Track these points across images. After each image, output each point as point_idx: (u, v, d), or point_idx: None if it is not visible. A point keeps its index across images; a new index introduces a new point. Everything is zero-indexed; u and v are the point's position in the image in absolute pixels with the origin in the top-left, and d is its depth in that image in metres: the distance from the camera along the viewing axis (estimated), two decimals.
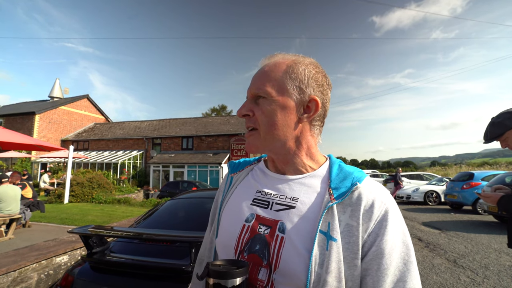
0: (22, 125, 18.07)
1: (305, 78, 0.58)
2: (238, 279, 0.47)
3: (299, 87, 0.58)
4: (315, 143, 0.63)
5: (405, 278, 0.49)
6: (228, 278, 0.47)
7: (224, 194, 0.70)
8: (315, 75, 0.59)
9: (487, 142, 1.50)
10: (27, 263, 2.74)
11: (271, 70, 0.59)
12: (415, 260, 0.52)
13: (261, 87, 0.58)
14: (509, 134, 1.39)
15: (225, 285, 0.47)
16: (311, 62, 0.61)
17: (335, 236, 0.50)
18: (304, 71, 0.58)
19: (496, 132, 1.44)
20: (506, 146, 1.45)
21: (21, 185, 5.83)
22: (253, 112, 0.59)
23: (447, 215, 8.35)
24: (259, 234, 0.56)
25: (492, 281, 3.37)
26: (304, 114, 0.59)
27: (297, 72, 0.58)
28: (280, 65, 0.59)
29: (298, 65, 0.59)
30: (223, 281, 0.47)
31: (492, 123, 1.46)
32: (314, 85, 0.59)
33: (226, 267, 0.50)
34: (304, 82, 0.58)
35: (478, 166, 27.18)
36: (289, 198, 0.58)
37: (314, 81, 0.59)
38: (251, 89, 0.60)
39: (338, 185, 0.56)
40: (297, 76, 0.58)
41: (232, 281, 0.47)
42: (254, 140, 0.60)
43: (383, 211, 0.53)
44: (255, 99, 0.60)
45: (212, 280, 0.48)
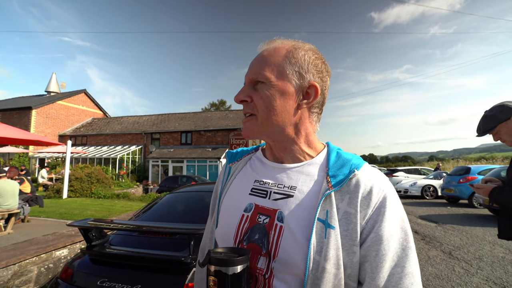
0: (18, 120, 17.91)
1: (305, 63, 0.57)
2: (239, 266, 0.48)
3: (299, 72, 0.56)
4: (314, 131, 0.62)
5: (403, 263, 0.49)
6: (229, 266, 0.47)
7: (223, 184, 0.70)
8: (314, 61, 0.58)
9: (480, 135, 1.51)
10: (27, 256, 2.76)
11: (270, 55, 0.58)
12: (414, 246, 0.51)
13: (260, 72, 0.57)
14: (501, 127, 1.39)
15: (226, 272, 0.47)
16: (310, 48, 0.59)
17: (333, 224, 0.50)
18: (304, 56, 0.57)
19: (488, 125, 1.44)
20: (498, 139, 1.45)
21: (19, 180, 5.82)
22: (251, 97, 0.58)
23: (443, 209, 8.45)
24: (258, 224, 0.56)
25: (485, 272, 3.44)
26: (303, 100, 0.58)
27: (297, 57, 0.57)
28: (280, 50, 0.58)
29: (298, 50, 0.57)
30: (224, 268, 0.47)
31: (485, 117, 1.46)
32: (314, 71, 0.57)
33: (227, 255, 0.51)
34: (304, 68, 0.57)
35: (475, 161, 27.39)
36: (287, 187, 0.58)
37: (314, 67, 0.58)
38: (249, 74, 0.59)
39: (336, 173, 0.55)
40: (297, 61, 0.56)
41: (233, 269, 0.47)
42: (251, 125, 0.59)
43: (381, 198, 0.52)
44: (253, 84, 0.59)
45: (213, 267, 0.48)
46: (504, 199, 1.37)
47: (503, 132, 1.40)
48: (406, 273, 0.49)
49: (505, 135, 1.40)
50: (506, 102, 1.42)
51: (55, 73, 21.96)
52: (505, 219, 1.43)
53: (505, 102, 1.42)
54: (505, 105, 1.40)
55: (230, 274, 0.47)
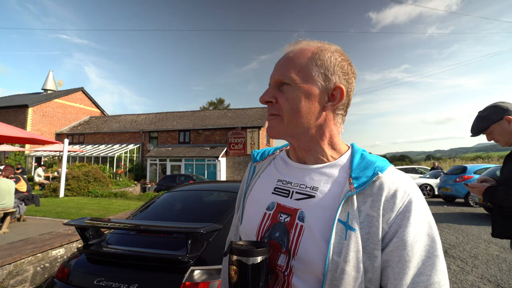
0: (15, 118, 17.74)
1: (331, 65, 0.57)
2: (259, 257, 0.50)
3: (325, 74, 0.56)
4: (338, 132, 0.62)
5: (429, 272, 0.47)
6: (249, 256, 0.50)
7: (247, 182, 0.72)
8: (341, 63, 0.58)
9: (474, 135, 1.53)
10: (23, 256, 2.74)
11: (296, 56, 0.58)
12: (442, 255, 0.50)
13: (285, 74, 0.57)
14: (494, 128, 1.42)
15: (246, 262, 0.50)
16: (336, 50, 0.59)
17: (354, 226, 0.50)
18: (330, 58, 0.57)
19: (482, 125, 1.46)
20: (491, 139, 1.48)
21: (14, 179, 5.77)
22: (276, 99, 0.58)
23: (440, 208, 8.52)
24: (280, 222, 0.57)
25: (480, 270, 3.47)
26: (328, 102, 0.58)
27: (323, 59, 0.57)
28: (306, 51, 0.58)
29: (324, 52, 0.57)
30: (245, 259, 0.50)
31: (479, 117, 1.49)
32: (340, 73, 0.57)
33: (248, 247, 0.53)
34: (330, 70, 0.56)
35: (471, 160, 27.62)
36: (309, 188, 0.58)
37: (340, 68, 0.57)
38: (275, 75, 0.59)
39: (358, 175, 0.55)
40: (323, 63, 0.56)
41: (254, 259, 0.50)
42: (277, 124, 0.59)
43: (406, 202, 0.51)
44: (278, 85, 0.59)
45: (235, 257, 0.51)
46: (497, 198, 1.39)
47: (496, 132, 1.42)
48: (431, 282, 0.47)
49: (498, 135, 1.42)
50: (499, 102, 1.44)
51: (52, 70, 21.76)
52: (498, 218, 1.46)
53: (498, 102, 1.44)
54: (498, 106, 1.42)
55: (250, 264, 0.49)
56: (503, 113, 1.39)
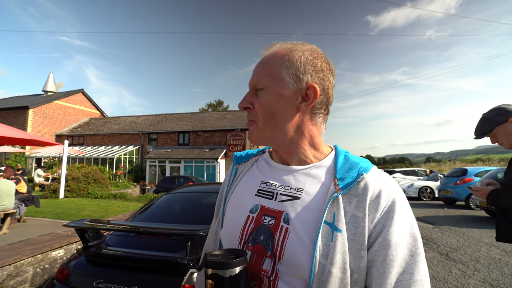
0: (15, 120, 17.76)
1: (301, 65, 0.56)
2: (237, 268, 0.47)
3: (295, 75, 0.56)
4: (319, 132, 0.61)
5: (412, 270, 0.48)
6: (226, 268, 0.47)
7: (229, 185, 0.69)
8: (312, 61, 0.57)
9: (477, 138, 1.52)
10: (22, 257, 2.73)
11: (268, 60, 0.58)
12: (423, 253, 0.50)
13: (259, 79, 0.58)
14: (498, 130, 1.41)
15: (223, 275, 0.46)
16: (309, 48, 0.59)
17: (340, 227, 0.49)
18: (300, 58, 0.56)
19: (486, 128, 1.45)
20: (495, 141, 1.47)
21: (15, 180, 5.76)
22: (253, 104, 0.59)
23: (440, 210, 8.50)
24: (264, 225, 0.56)
25: (482, 273, 3.45)
26: (302, 103, 0.57)
27: (292, 60, 0.56)
28: (277, 54, 0.58)
29: (294, 53, 0.57)
30: (221, 272, 0.47)
31: (483, 119, 1.48)
32: (312, 71, 0.57)
33: (224, 257, 0.50)
34: (300, 70, 0.56)
35: (472, 163, 27.58)
36: (294, 189, 0.57)
37: (312, 67, 0.57)
38: (251, 80, 0.60)
39: (343, 176, 0.55)
40: (292, 64, 0.56)
41: (230, 271, 0.47)
42: (253, 130, 0.60)
43: (390, 202, 0.51)
44: (255, 91, 0.59)
45: (210, 271, 0.48)
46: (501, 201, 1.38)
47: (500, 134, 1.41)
48: (414, 280, 0.47)
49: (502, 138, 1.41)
50: (504, 105, 1.44)
51: (53, 72, 21.86)
52: (503, 222, 1.44)
53: (503, 105, 1.44)
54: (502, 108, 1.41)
55: (227, 276, 0.46)
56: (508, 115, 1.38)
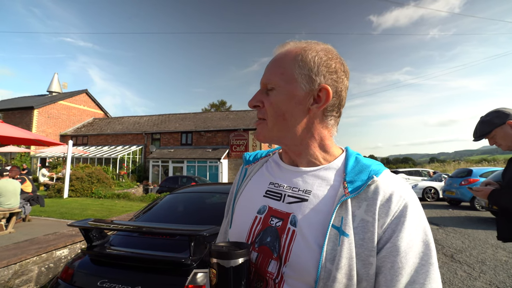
0: (20, 120, 17.98)
1: (315, 65, 0.55)
2: (240, 259, 0.48)
3: (308, 76, 0.55)
4: (330, 135, 0.60)
5: (422, 280, 0.45)
6: (229, 259, 0.48)
7: (238, 185, 0.69)
8: (326, 62, 0.56)
9: (476, 139, 1.58)
10: (28, 256, 2.76)
11: (281, 59, 0.57)
12: (436, 262, 0.48)
13: (270, 78, 0.57)
14: (497, 132, 1.46)
15: (226, 265, 0.48)
16: (323, 48, 0.57)
17: (347, 232, 0.48)
18: (314, 58, 0.55)
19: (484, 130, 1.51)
20: (494, 143, 1.51)
21: (20, 180, 5.82)
22: (263, 103, 0.58)
23: (445, 211, 8.42)
24: (271, 227, 0.55)
25: (488, 275, 3.41)
26: (314, 104, 0.56)
27: (306, 60, 0.55)
28: (290, 53, 0.57)
29: (307, 52, 0.56)
30: (225, 262, 0.48)
31: (481, 122, 1.53)
32: (325, 72, 0.55)
33: (228, 248, 0.51)
34: (314, 70, 0.54)
35: (476, 163, 27.29)
36: (302, 191, 0.56)
37: (325, 68, 0.55)
38: (262, 79, 0.59)
39: (353, 178, 0.53)
40: (305, 64, 0.55)
41: (234, 262, 0.48)
42: (262, 129, 0.59)
43: (401, 206, 0.49)
44: (266, 90, 0.59)
45: (214, 260, 0.49)
46: (502, 201, 1.43)
47: (498, 136, 1.47)
48: None
49: (500, 139, 1.47)
50: (502, 108, 1.50)
51: (57, 73, 22.12)
52: (503, 221, 1.49)
53: (501, 108, 1.51)
54: (500, 111, 1.48)
55: (230, 266, 0.47)
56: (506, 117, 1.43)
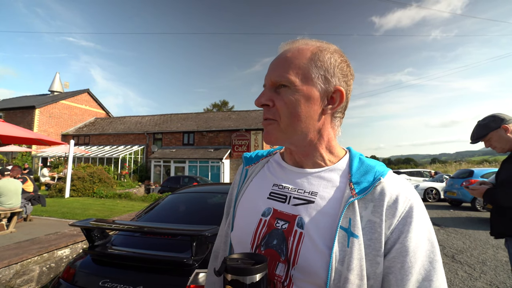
0: (22, 119, 18.05)
1: (331, 66, 0.54)
2: (257, 275, 0.45)
3: (325, 76, 0.54)
4: (335, 135, 0.60)
5: (431, 277, 0.47)
6: (247, 275, 0.45)
7: (239, 186, 0.68)
8: (340, 64, 0.55)
9: (473, 142, 1.70)
10: (29, 256, 2.77)
11: (295, 56, 0.55)
12: (441, 259, 0.50)
13: (283, 75, 0.54)
14: (492, 135, 1.58)
15: (244, 281, 0.45)
16: (336, 50, 0.57)
17: (356, 233, 0.48)
18: (330, 59, 0.54)
19: (481, 133, 1.63)
20: (489, 145, 1.63)
21: (21, 179, 5.85)
22: (273, 102, 0.55)
23: (446, 212, 8.39)
24: (277, 229, 0.54)
25: (489, 276, 3.40)
26: (328, 106, 0.55)
27: (323, 60, 0.54)
28: (304, 51, 0.55)
29: (323, 52, 0.55)
30: (242, 278, 0.45)
31: (478, 125, 1.65)
32: (340, 74, 0.55)
33: (244, 262, 0.48)
34: (330, 71, 0.54)
35: (478, 164, 27.20)
36: (308, 193, 0.56)
37: (340, 70, 0.55)
38: (271, 76, 0.55)
39: (359, 180, 0.53)
40: (322, 65, 0.54)
41: (251, 278, 0.45)
42: (274, 130, 0.56)
43: (407, 207, 0.50)
44: (275, 87, 0.56)
45: (231, 276, 0.46)
46: (496, 199, 1.54)
47: (494, 139, 1.59)
48: (434, 287, 0.47)
49: (496, 142, 1.59)
50: (497, 113, 1.64)
51: (59, 72, 22.20)
52: (497, 218, 1.59)
53: (496, 113, 1.64)
54: (496, 116, 1.61)
55: (248, 283, 0.45)
56: (501, 122, 1.56)
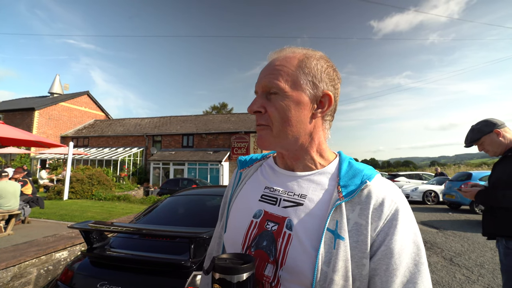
0: (21, 121, 18.02)
1: (318, 72, 0.57)
2: (244, 274, 0.46)
3: (313, 82, 0.56)
4: (325, 139, 0.62)
5: (416, 279, 0.48)
6: (234, 274, 0.46)
7: (233, 189, 0.70)
8: (327, 69, 0.58)
9: (467, 146, 1.76)
10: (27, 258, 2.76)
11: (283, 64, 0.57)
12: (426, 262, 0.50)
13: (273, 82, 0.56)
14: (485, 139, 1.64)
15: (231, 280, 0.46)
16: (321, 56, 0.60)
17: (342, 235, 0.50)
18: (316, 65, 0.57)
19: (474, 137, 1.69)
20: (482, 149, 1.69)
21: (22, 182, 5.84)
22: (265, 108, 0.57)
23: (445, 215, 8.39)
24: (267, 231, 0.56)
25: (486, 279, 3.41)
26: (318, 110, 0.58)
27: (310, 67, 0.57)
28: (292, 59, 0.58)
29: (310, 59, 0.57)
30: (229, 277, 0.46)
31: (472, 129, 1.72)
32: (327, 79, 0.58)
33: (232, 261, 0.50)
34: (317, 77, 0.57)
35: (477, 166, 27.25)
36: (297, 195, 0.57)
37: (326, 75, 0.58)
38: (262, 84, 0.58)
39: (347, 183, 0.55)
40: (310, 71, 0.57)
41: (238, 277, 0.46)
42: (267, 136, 0.58)
43: (393, 210, 0.51)
44: (266, 95, 0.58)
45: (218, 275, 0.47)
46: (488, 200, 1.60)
47: (486, 143, 1.65)
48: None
49: (488, 146, 1.65)
50: (490, 118, 1.71)
51: (59, 74, 22.23)
52: (489, 218, 1.64)
53: (489, 118, 1.71)
54: (488, 121, 1.67)
55: (235, 282, 0.46)
56: (493, 126, 1.63)
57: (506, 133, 1.61)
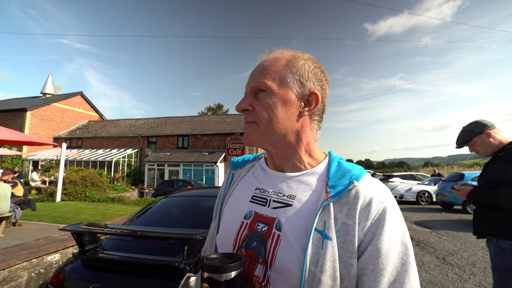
0: (13, 122, 17.67)
1: (305, 72, 0.58)
2: (232, 273, 0.47)
3: (300, 81, 0.58)
4: (314, 139, 0.62)
5: (403, 279, 0.48)
6: (221, 272, 0.47)
7: (225, 190, 0.70)
8: (314, 70, 0.59)
9: (458, 147, 1.79)
10: (17, 261, 2.71)
11: (271, 64, 0.59)
12: (414, 261, 0.51)
13: (261, 80, 0.58)
14: (476, 140, 1.68)
15: (219, 279, 0.47)
16: (309, 57, 0.61)
17: (330, 235, 0.50)
18: (304, 65, 0.59)
19: (465, 138, 1.72)
20: (473, 150, 1.71)
21: (12, 183, 5.73)
22: (253, 106, 0.58)
23: (438, 215, 8.52)
24: (257, 231, 0.57)
25: (478, 277, 3.47)
26: (305, 108, 0.59)
27: (297, 66, 0.58)
28: (280, 59, 0.59)
29: (297, 59, 0.59)
30: (217, 275, 0.47)
31: (463, 130, 1.74)
32: (314, 79, 0.59)
33: (220, 261, 0.50)
34: (304, 76, 0.58)
35: (469, 167, 27.72)
36: (286, 196, 0.58)
37: (314, 75, 0.59)
38: (251, 83, 0.60)
39: (335, 183, 0.55)
40: (297, 70, 0.58)
41: (226, 275, 0.47)
42: (254, 132, 0.59)
43: (380, 210, 0.52)
44: (254, 93, 0.59)
45: (206, 274, 0.48)
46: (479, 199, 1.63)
47: (477, 144, 1.68)
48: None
49: (479, 147, 1.68)
50: (481, 119, 1.72)
51: (51, 74, 21.88)
52: (479, 217, 1.66)
53: (480, 119, 1.72)
54: (479, 122, 1.70)
55: (222, 281, 0.47)
56: (483, 127, 1.65)
57: (496, 134, 1.64)
